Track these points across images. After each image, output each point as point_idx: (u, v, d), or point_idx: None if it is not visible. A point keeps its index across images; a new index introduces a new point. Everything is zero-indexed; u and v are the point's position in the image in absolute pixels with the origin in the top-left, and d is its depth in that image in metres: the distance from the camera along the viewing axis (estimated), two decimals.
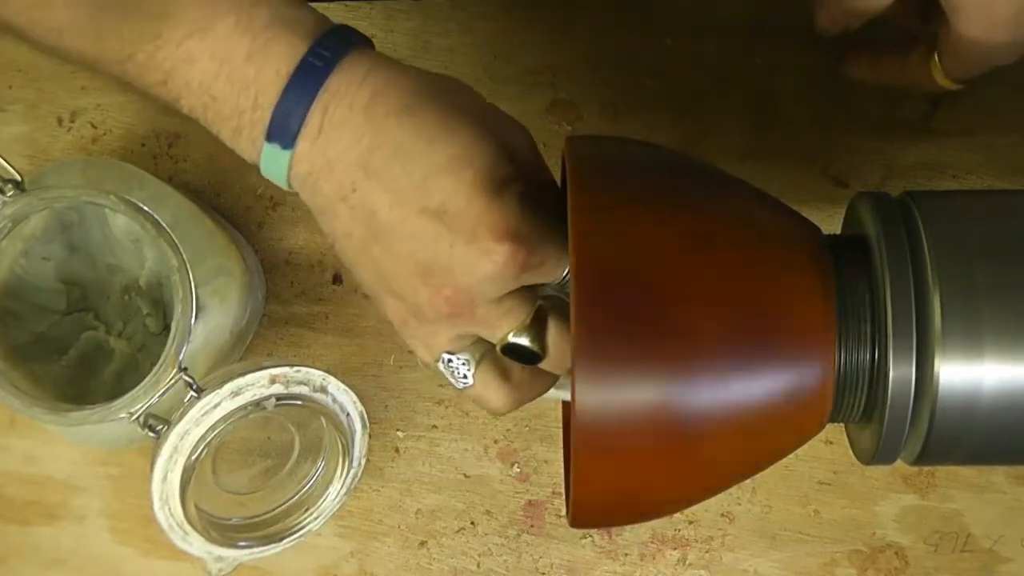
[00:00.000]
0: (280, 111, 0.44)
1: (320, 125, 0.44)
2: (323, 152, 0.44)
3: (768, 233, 0.46)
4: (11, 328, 0.61)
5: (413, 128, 0.43)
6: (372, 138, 0.43)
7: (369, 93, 0.44)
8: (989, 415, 0.44)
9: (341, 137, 0.44)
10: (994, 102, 0.67)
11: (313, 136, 0.44)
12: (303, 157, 0.45)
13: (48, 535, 0.69)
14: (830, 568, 0.66)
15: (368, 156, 0.44)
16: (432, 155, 0.43)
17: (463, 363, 0.48)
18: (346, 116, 0.44)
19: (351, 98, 0.44)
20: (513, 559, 0.67)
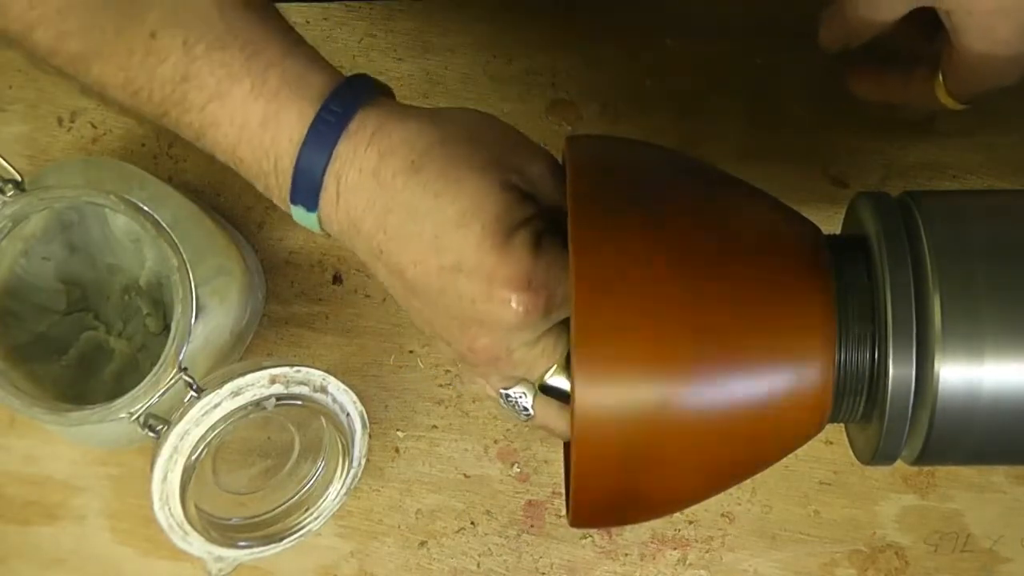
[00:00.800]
0: (298, 178, 0.45)
1: (337, 191, 0.45)
2: (346, 215, 0.45)
3: (768, 233, 0.46)
4: (11, 328, 0.61)
5: (420, 186, 0.43)
6: (384, 201, 0.44)
7: (376, 155, 0.44)
8: (989, 415, 0.44)
9: (358, 202, 0.44)
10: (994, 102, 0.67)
11: (333, 201, 0.45)
12: (330, 219, 0.46)
13: (48, 535, 0.69)
14: (830, 568, 0.66)
15: (384, 219, 0.44)
16: (439, 212, 0.43)
17: (520, 396, 0.48)
18: (358, 181, 0.44)
19: (360, 162, 0.44)
20: (513, 559, 0.67)
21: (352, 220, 0.45)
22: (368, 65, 0.70)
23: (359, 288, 0.69)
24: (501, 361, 0.46)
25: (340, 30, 0.70)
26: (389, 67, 0.70)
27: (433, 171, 0.43)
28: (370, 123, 0.44)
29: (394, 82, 0.69)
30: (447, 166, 0.44)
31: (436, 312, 0.45)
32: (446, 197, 0.43)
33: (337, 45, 0.70)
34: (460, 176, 0.43)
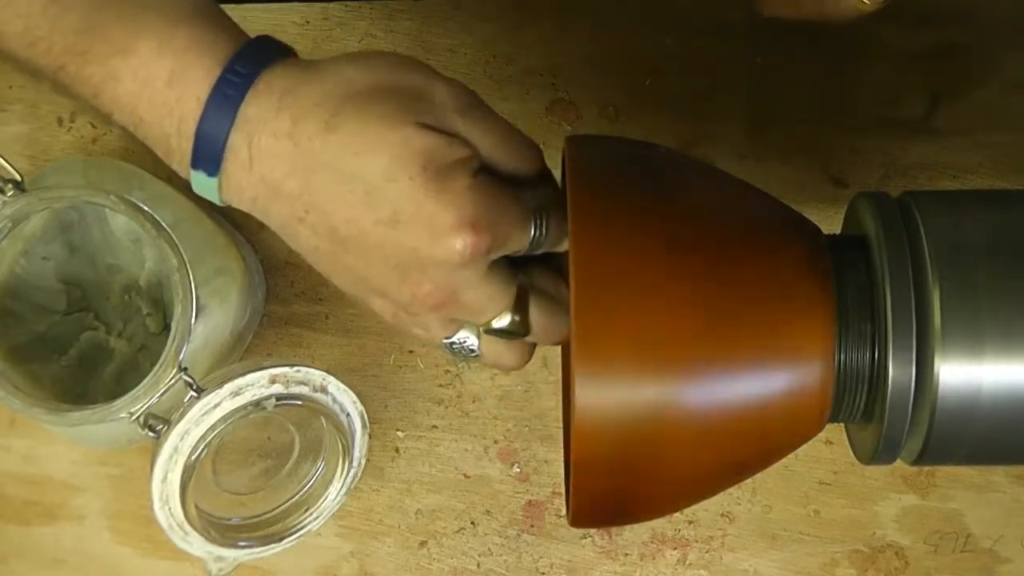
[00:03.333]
0: (201, 140, 0.44)
1: (249, 155, 0.44)
2: (262, 180, 0.44)
3: (768, 233, 0.46)
4: (11, 328, 0.61)
5: (339, 147, 0.43)
6: (305, 163, 0.43)
7: (289, 119, 0.43)
8: (989, 415, 0.44)
9: (275, 166, 0.44)
10: (994, 102, 0.67)
11: (244, 165, 0.44)
12: (240, 185, 0.45)
13: (48, 535, 0.69)
14: (830, 568, 0.66)
15: (308, 180, 0.43)
16: (365, 170, 0.43)
17: (466, 340, 0.48)
18: (273, 145, 0.43)
19: (273, 126, 0.43)
20: (513, 559, 0.67)
21: (270, 184, 0.44)
22: None
23: None
24: (447, 306, 0.45)
25: (340, 30, 0.70)
26: None
27: (349, 130, 0.43)
28: (278, 84, 0.44)
29: None
30: (361, 123, 0.43)
31: (372, 266, 0.45)
32: (368, 154, 0.43)
33: (337, 45, 0.70)
34: (376, 131, 0.43)
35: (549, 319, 0.47)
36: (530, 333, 0.47)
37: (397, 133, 0.43)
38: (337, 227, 0.44)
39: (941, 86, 0.67)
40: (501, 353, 0.48)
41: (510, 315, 0.47)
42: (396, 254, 0.44)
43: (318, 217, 0.44)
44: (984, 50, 0.67)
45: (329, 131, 0.43)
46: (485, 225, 0.43)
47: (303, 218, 0.44)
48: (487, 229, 0.43)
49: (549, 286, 0.48)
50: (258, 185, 0.44)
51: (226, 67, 0.43)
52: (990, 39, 0.68)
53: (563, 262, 0.47)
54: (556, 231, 0.46)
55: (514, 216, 0.44)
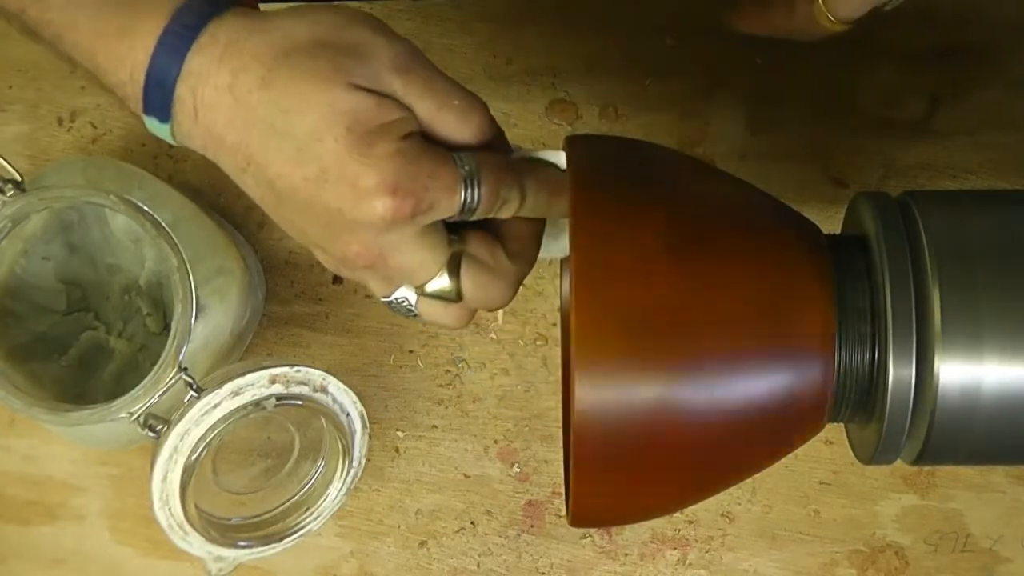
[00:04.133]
0: (150, 89, 0.44)
1: (194, 106, 0.44)
2: (207, 131, 0.45)
3: (768, 233, 0.46)
4: (11, 328, 0.61)
5: (272, 103, 0.43)
6: (244, 117, 0.44)
7: (229, 72, 0.44)
8: (989, 415, 0.44)
9: (217, 117, 0.44)
10: (994, 102, 0.67)
11: (191, 115, 0.44)
12: (190, 133, 0.45)
13: (48, 535, 0.69)
14: (830, 568, 0.66)
15: (246, 134, 0.44)
16: (295, 127, 0.43)
17: (404, 299, 0.48)
18: (215, 97, 0.44)
19: (215, 79, 0.44)
20: (513, 559, 0.67)
21: (214, 135, 0.44)
22: None
23: (359, 288, 0.69)
24: (377, 267, 0.46)
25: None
26: None
27: (282, 86, 0.43)
28: (221, 37, 0.44)
29: None
30: (294, 80, 0.43)
31: (307, 222, 0.45)
32: (297, 112, 0.43)
33: None
34: (307, 89, 0.43)
35: (482, 286, 0.47)
36: (462, 298, 0.47)
37: (326, 93, 0.43)
38: (273, 180, 0.44)
39: (941, 86, 0.67)
40: (439, 315, 0.48)
41: (443, 279, 0.46)
42: (324, 213, 0.44)
43: (257, 169, 0.44)
44: (984, 50, 0.68)
45: (264, 86, 0.43)
46: (408, 190, 0.43)
47: (245, 168, 0.45)
48: (411, 194, 0.43)
49: (484, 253, 0.47)
50: (204, 135, 0.45)
51: (172, 18, 0.44)
52: (990, 39, 0.68)
53: (499, 227, 0.47)
54: (489, 196, 0.45)
55: (442, 182, 0.44)
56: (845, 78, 0.68)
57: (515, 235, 0.47)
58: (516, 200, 0.46)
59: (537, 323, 0.68)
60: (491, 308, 0.48)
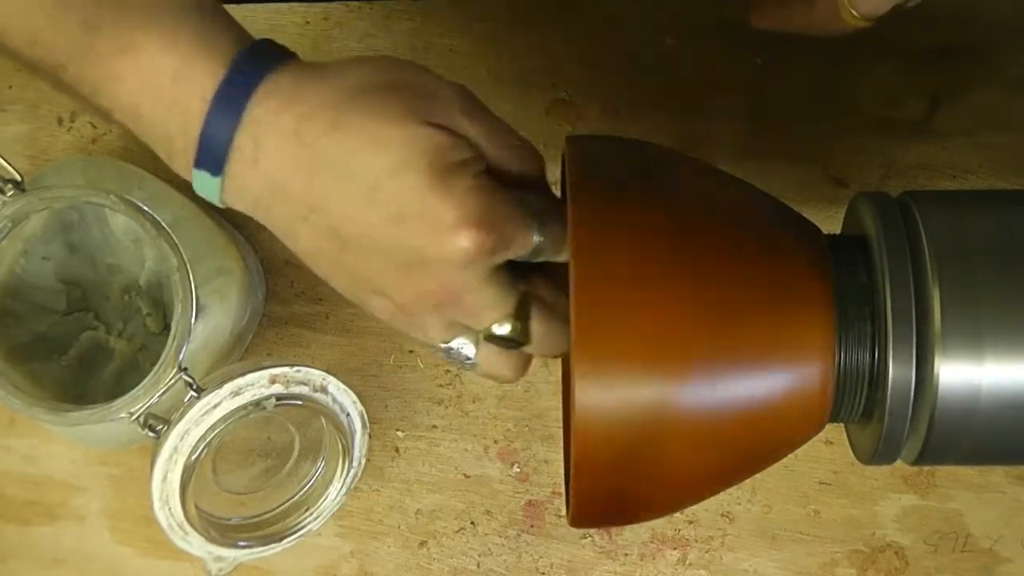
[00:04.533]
0: (206, 139, 0.44)
1: (254, 154, 0.44)
2: (267, 179, 0.44)
3: (768, 233, 0.46)
4: (11, 328, 0.61)
5: (345, 144, 0.43)
6: (310, 162, 0.43)
7: (294, 118, 0.43)
8: (989, 415, 0.44)
9: (280, 165, 0.44)
10: (994, 102, 0.67)
11: (249, 164, 0.44)
12: (244, 185, 0.45)
13: (48, 535, 0.69)
14: (830, 568, 0.66)
15: (312, 179, 0.43)
16: (370, 167, 0.43)
17: (462, 346, 0.48)
18: (278, 144, 0.43)
19: (279, 125, 0.43)
20: (513, 559, 0.67)
21: (275, 183, 0.44)
22: None
23: None
24: (447, 306, 0.45)
25: (340, 30, 0.70)
26: None
27: (354, 128, 0.43)
28: (284, 85, 0.44)
29: None
30: (367, 121, 0.43)
31: (374, 265, 0.45)
32: (373, 152, 0.43)
33: (337, 45, 0.70)
34: (382, 129, 0.43)
35: (549, 330, 0.47)
36: (529, 342, 0.47)
37: (404, 130, 0.43)
38: (339, 225, 0.44)
39: (941, 86, 0.67)
40: (497, 363, 0.48)
41: (511, 322, 0.46)
42: (399, 252, 0.44)
43: (321, 216, 0.44)
44: (984, 50, 0.67)
45: (335, 129, 0.43)
46: (489, 225, 0.43)
47: (307, 217, 0.44)
48: (491, 229, 0.43)
49: (549, 296, 0.47)
50: (262, 185, 0.44)
51: (232, 66, 0.43)
52: (990, 39, 0.68)
53: (563, 274, 0.47)
54: (557, 238, 0.45)
55: (518, 218, 0.44)
56: (845, 78, 0.68)
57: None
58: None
59: None
60: (552, 354, 0.48)
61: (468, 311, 0.46)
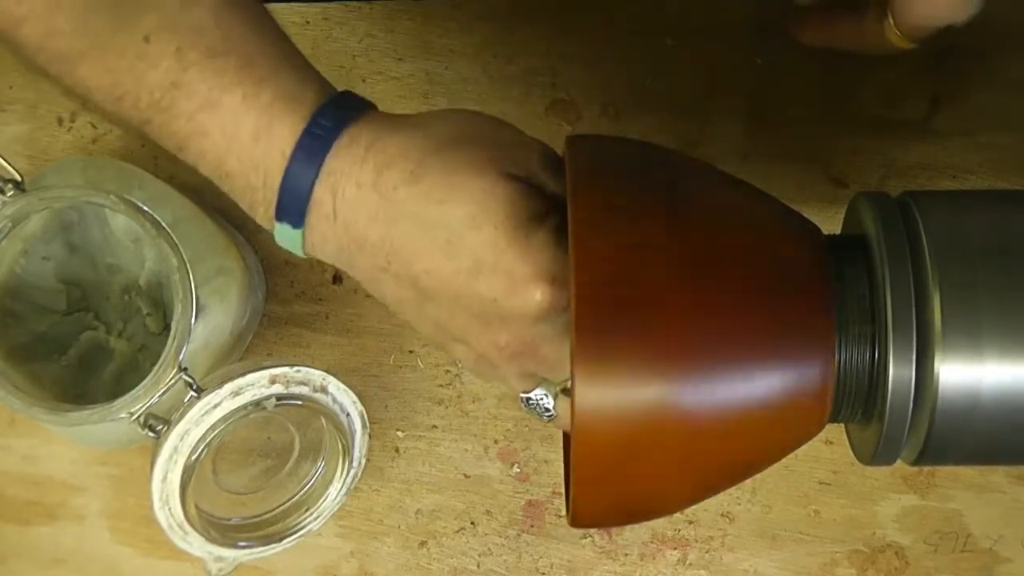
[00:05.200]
0: (286, 193, 0.44)
1: (333, 207, 0.44)
2: (346, 231, 0.45)
3: (768, 233, 0.46)
4: (11, 328, 0.61)
5: (423, 195, 0.43)
6: (388, 213, 0.44)
7: (373, 169, 0.44)
8: (989, 415, 0.44)
9: (358, 216, 0.44)
10: (994, 102, 0.67)
11: (328, 216, 0.44)
12: (325, 237, 0.45)
13: (48, 535, 0.69)
14: (830, 568, 0.66)
15: (390, 230, 0.44)
16: (448, 218, 0.43)
17: (542, 398, 0.48)
18: (357, 195, 0.44)
19: (357, 177, 0.44)
20: (513, 559, 0.67)
21: (354, 235, 0.45)
22: (368, 65, 0.70)
23: (359, 288, 0.68)
24: (525, 357, 0.46)
25: (340, 30, 0.70)
26: (389, 67, 0.70)
27: (434, 178, 0.43)
28: (363, 137, 0.44)
29: (394, 82, 0.69)
30: (447, 171, 0.43)
31: (453, 316, 0.45)
32: (452, 203, 0.43)
33: (337, 45, 0.70)
34: (462, 179, 0.43)
35: None
36: None
37: (483, 180, 0.43)
38: (418, 276, 0.44)
39: (941, 87, 0.67)
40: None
41: None
42: (476, 303, 0.44)
43: (401, 267, 0.44)
44: (984, 51, 0.67)
45: (413, 181, 0.43)
46: (564, 280, 0.43)
47: (386, 268, 0.45)
48: (566, 284, 0.43)
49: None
50: (342, 236, 0.45)
51: (310, 121, 0.44)
52: (990, 39, 0.67)
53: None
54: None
55: None
56: (845, 78, 0.68)
57: None
58: None
59: None
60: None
61: (545, 364, 0.46)
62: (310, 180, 0.44)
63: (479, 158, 0.44)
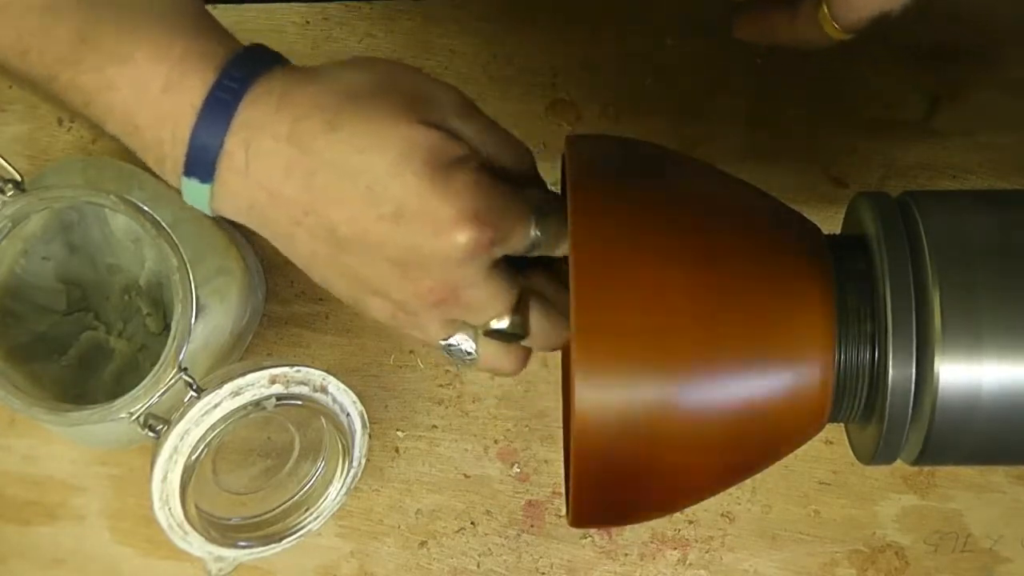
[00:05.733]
0: (195, 146, 0.44)
1: (245, 160, 0.43)
2: (259, 185, 0.44)
3: (768, 233, 0.46)
4: (11, 328, 0.61)
5: (341, 144, 0.43)
6: (306, 164, 0.43)
7: (289, 120, 0.43)
8: (989, 415, 0.44)
9: (273, 168, 0.43)
10: (994, 102, 0.67)
11: (240, 171, 0.44)
12: (236, 191, 0.44)
13: (48, 535, 0.69)
14: (830, 568, 0.66)
15: (309, 182, 0.43)
16: (369, 166, 0.43)
17: (462, 343, 0.48)
18: (271, 148, 0.43)
19: (271, 129, 0.43)
20: (513, 559, 0.67)
21: (268, 188, 0.44)
22: None
23: None
24: (447, 303, 0.45)
25: (340, 30, 0.70)
26: None
27: (351, 127, 0.43)
28: (276, 88, 0.44)
29: None
30: (364, 121, 0.43)
31: (373, 265, 0.45)
32: (372, 151, 0.43)
33: (337, 45, 0.70)
34: (380, 127, 0.43)
35: (548, 323, 0.47)
36: (528, 336, 0.47)
37: (401, 129, 0.43)
38: (337, 226, 0.44)
39: (941, 87, 0.67)
40: (498, 357, 0.48)
41: (510, 316, 0.47)
42: (398, 250, 0.44)
43: (317, 218, 0.44)
44: (984, 50, 0.68)
45: (331, 130, 0.43)
46: (488, 220, 0.43)
47: (301, 221, 0.44)
48: (490, 224, 0.43)
49: (548, 290, 0.48)
50: (255, 190, 0.44)
51: (222, 72, 0.43)
52: (990, 39, 0.68)
53: (562, 267, 0.47)
54: (554, 232, 0.46)
55: (516, 213, 0.44)
56: (845, 78, 0.68)
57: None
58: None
59: None
60: (551, 347, 0.48)
61: (467, 307, 0.46)
62: (221, 133, 0.43)
63: (394, 108, 0.44)
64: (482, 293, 0.45)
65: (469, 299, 0.45)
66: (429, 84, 0.46)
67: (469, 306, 0.46)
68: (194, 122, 0.43)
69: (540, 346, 0.48)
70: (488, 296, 0.46)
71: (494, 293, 0.46)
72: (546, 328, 0.47)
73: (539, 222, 0.45)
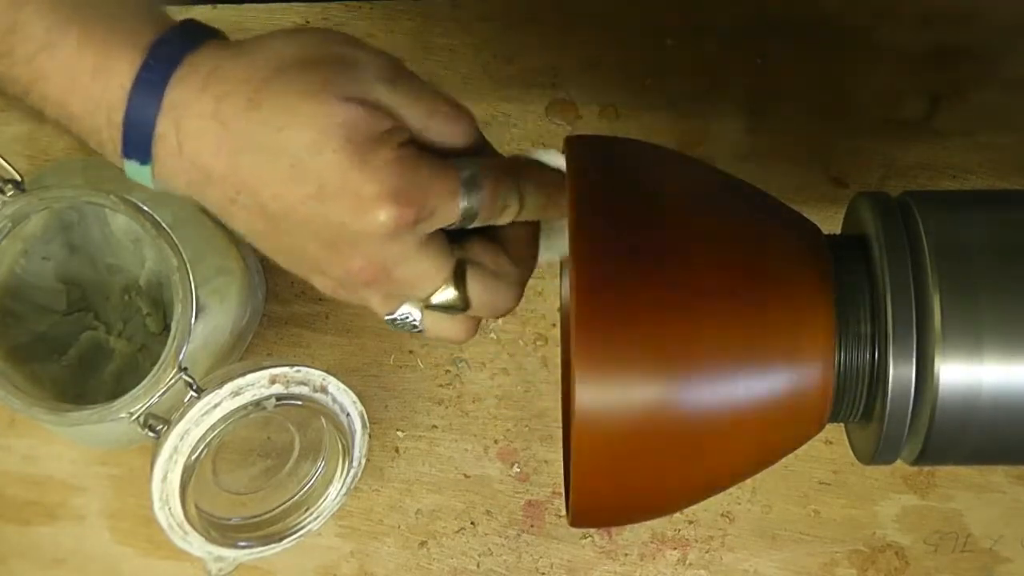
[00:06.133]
0: (130, 129, 0.43)
1: (177, 140, 0.43)
2: (193, 164, 0.44)
3: (768, 233, 0.46)
4: (11, 328, 0.61)
5: (263, 123, 0.43)
6: (231, 143, 0.43)
7: (213, 98, 0.43)
8: (989, 415, 0.44)
9: (202, 148, 0.43)
10: (994, 103, 0.67)
11: (174, 151, 0.44)
12: (174, 171, 0.44)
13: (48, 535, 0.69)
14: (830, 568, 0.66)
15: (235, 160, 0.43)
16: (289, 144, 0.42)
17: (407, 315, 0.48)
18: (199, 126, 0.43)
19: (198, 107, 0.43)
20: (513, 559, 0.67)
21: (200, 167, 0.44)
22: None
23: None
24: (380, 281, 0.45)
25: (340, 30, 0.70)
26: None
27: (272, 105, 0.43)
28: (203, 65, 0.43)
29: None
30: (285, 97, 0.43)
31: (305, 243, 0.45)
32: (292, 129, 0.42)
33: None
34: (300, 104, 0.43)
35: (489, 293, 0.47)
36: (470, 308, 0.47)
37: (320, 106, 0.42)
38: (266, 205, 0.44)
39: (941, 87, 0.67)
40: (445, 328, 0.48)
41: (449, 290, 0.46)
42: (324, 229, 0.43)
43: (248, 197, 0.44)
44: (984, 50, 0.67)
45: (252, 108, 0.43)
46: (410, 197, 0.43)
47: (235, 199, 0.44)
48: (412, 201, 0.43)
49: (488, 259, 0.47)
50: (189, 170, 0.44)
51: (148, 52, 0.43)
52: (990, 39, 0.68)
53: (499, 234, 0.46)
54: (490, 201, 0.45)
55: (442, 187, 0.44)
56: (845, 78, 0.68)
57: (514, 239, 0.47)
58: (516, 204, 0.45)
59: (537, 323, 0.68)
60: (498, 315, 0.48)
61: (401, 283, 0.46)
62: (152, 114, 0.43)
63: (315, 82, 0.43)
64: (414, 269, 0.45)
65: (401, 276, 0.45)
66: (357, 52, 0.45)
67: (402, 282, 0.45)
68: (126, 105, 0.43)
69: (486, 314, 0.48)
70: (421, 272, 0.45)
71: (426, 269, 0.45)
72: (488, 298, 0.47)
73: (469, 195, 0.44)
